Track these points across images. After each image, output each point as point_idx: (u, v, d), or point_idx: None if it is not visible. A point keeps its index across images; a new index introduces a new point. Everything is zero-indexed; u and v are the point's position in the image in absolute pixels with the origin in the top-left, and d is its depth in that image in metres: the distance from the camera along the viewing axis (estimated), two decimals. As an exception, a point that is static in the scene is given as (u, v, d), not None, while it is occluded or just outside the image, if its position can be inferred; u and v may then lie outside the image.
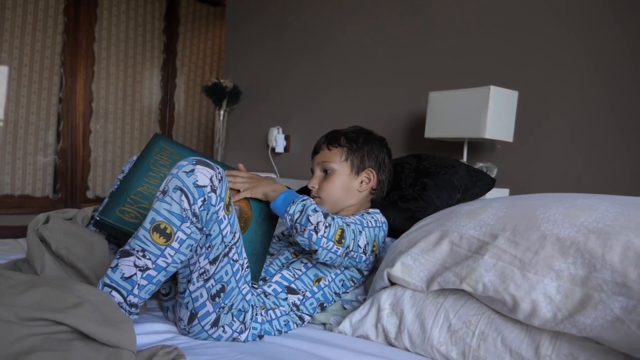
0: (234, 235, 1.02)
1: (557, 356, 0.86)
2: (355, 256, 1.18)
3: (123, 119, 4.61)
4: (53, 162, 4.28)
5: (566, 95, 1.81)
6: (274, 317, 1.16)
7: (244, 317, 1.09)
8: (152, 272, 0.94)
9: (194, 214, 0.92)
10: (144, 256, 0.92)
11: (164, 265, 0.94)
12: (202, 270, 0.99)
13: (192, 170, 0.92)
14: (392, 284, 1.15)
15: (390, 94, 2.43)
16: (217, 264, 1.00)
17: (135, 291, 0.94)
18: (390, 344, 1.10)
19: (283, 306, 1.19)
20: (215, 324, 1.04)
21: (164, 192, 0.93)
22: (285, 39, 3.10)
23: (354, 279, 1.30)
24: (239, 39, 3.48)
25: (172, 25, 4.84)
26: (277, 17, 3.17)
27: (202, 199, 0.92)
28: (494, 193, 1.74)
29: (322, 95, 2.82)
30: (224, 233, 0.99)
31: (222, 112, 3.37)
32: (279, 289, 1.20)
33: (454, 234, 1.08)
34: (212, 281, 1.01)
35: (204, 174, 0.93)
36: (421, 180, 1.49)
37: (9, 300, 0.82)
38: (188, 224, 0.92)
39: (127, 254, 0.93)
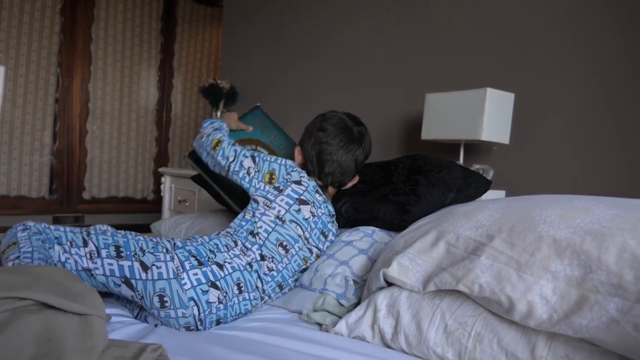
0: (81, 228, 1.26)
1: (553, 357, 0.86)
2: (237, 174, 1.43)
3: (120, 120, 4.61)
4: (49, 163, 4.27)
5: (563, 97, 1.82)
6: (201, 242, 1.29)
7: (165, 248, 1.21)
8: (26, 254, 1.11)
9: (24, 229, 1.19)
10: (8, 257, 1.12)
11: (29, 250, 1.13)
12: (87, 255, 1.18)
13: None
14: (389, 284, 1.15)
15: (387, 95, 2.43)
16: (88, 242, 1.19)
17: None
18: (387, 345, 1.10)
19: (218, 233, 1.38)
20: (145, 268, 1.16)
21: None
22: (282, 40, 3.10)
23: (258, 206, 1.39)
24: (236, 40, 3.48)
25: (170, 26, 4.84)
26: (274, 18, 3.17)
27: (21, 225, 1.21)
28: (490, 195, 1.74)
29: (319, 96, 2.83)
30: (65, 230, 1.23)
31: (219, 113, 3.37)
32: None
33: (450, 235, 1.08)
34: (103, 252, 1.18)
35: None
36: (413, 177, 1.49)
37: None
38: (20, 234, 1.18)
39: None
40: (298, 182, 1.41)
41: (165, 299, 1.15)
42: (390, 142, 2.36)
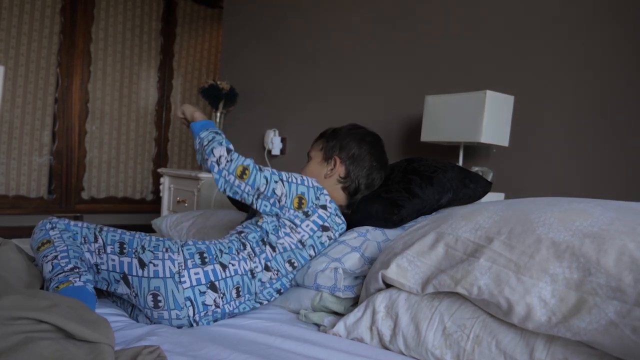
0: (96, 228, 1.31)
1: (552, 360, 0.86)
2: (271, 201, 1.31)
3: (119, 120, 4.60)
4: (48, 163, 4.27)
5: (561, 100, 1.82)
6: (215, 242, 1.30)
7: (166, 247, 1.22)
8: (62, 254, 1.18)
9: (52, 227, 1.26)
10: (46, 256, 1.19)
11: (64, 248, 1.19)
12: (96, 250, 1.23)
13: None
14: (387, 286, 1.15)
15: (387, 97, 2.43)
16: (98, 237, 1.25)
17: (64, 264, 1.16)
18: (385, 347, 1.09)
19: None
20: (142, 265, 1.19)
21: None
22: (281, 41, 3.10)
23: (282, 225, 1.34)
24: (236, 41, 3.49)
25: (169, 27, 4.83)
26: (273, 20, 3.17)
27: (49, 224, 1.28)
28: (490, 197, 1.74)
29: (318, 98, 2.83)
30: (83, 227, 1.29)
31: (218, 114, 3.36)
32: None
33: (449, 237, 1.08)
34: (108, 247, 1.22)
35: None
36: (407, 177, 1.50)
37: None
38: (51, 232, 1.25)
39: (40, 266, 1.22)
40: (324, 207, 1.38)
41: (159, 297, 1.15)
42: (390, 144, 2.36)
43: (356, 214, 1.49)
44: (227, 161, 1.27)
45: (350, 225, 1.50)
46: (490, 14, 2.04)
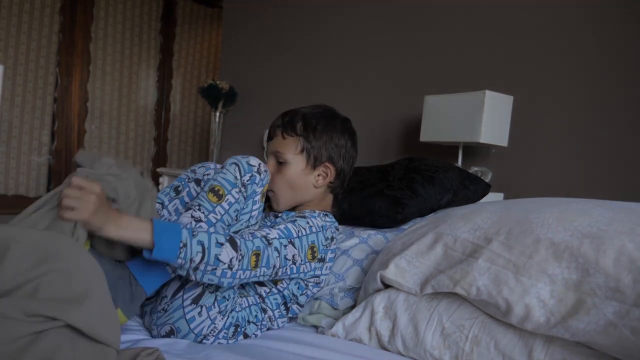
0: (256, 224, 1.19)
1: (550, 361, 0.86)
2: (285, 270, 1.11)
3: (118, 120, 4.60)
4: (47, 162, 4.26)
5: (561, 100, 1.82)
6: (245, 305, 1.15)
7: (226, 306, 1.09)
8: (203, 225, 1.08)
9: (243, 184, 1.12)
10: (199, 209, 1.09)
11: (213, 220, 1.09)
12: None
13: (247, 156, 1.16)
14: (386, 286, 1.15)
15: (386, 97, 2.43)
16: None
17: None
18: (384, 348, 1.09)
19: (251, 295, 1.18)
20: (196, 300, 1.06)
21: (222, 167, 1.15)
22: (281, 41, 3.10)
23: (307, 282, 1.23)
24: (236, 40, 3.48)
25: (169, 26, 4.83)
26: (273, 19, 3.17)
27: (250, 174, 1.13)
28: (488, 197, 1.74)
29: (318, 98, 2.81)
30: (252, 214, 1.16)
31: (217, 114, 3.36)
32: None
33: (448, 237, 1.08)
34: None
35: (255, 159, 1.15)
36: (409, 175, 1.49)
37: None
38: (237, 190, 1.12)
39: (188, 209, 1.11)
40: (331, 239, 1.24)
41: (172, 336, 1.08)
42: (389, 144, 2.36)
43: (358, 208, 1.45)
44: (239, 259, 0.99)
45: (349, 221, 1.49)
46: (490, 14, 2.04)
